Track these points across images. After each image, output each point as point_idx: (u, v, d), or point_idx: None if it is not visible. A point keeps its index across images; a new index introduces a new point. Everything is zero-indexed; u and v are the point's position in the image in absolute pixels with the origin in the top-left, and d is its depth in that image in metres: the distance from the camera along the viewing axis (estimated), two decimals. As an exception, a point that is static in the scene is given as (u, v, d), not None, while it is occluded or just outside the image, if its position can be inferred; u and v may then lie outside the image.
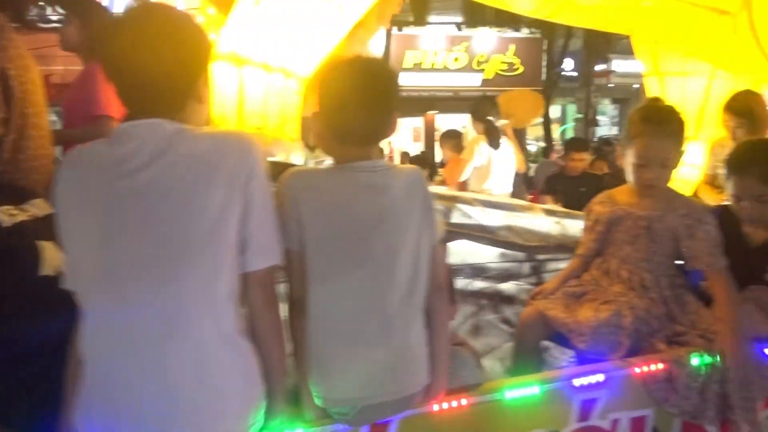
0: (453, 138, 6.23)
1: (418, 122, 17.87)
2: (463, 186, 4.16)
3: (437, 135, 18.09)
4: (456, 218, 2.44)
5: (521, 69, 17.50)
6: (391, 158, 12.67)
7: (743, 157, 2.19)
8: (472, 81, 17.42)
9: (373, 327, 1.44)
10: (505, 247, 2.43)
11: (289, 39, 2.25)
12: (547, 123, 16.50)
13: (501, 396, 1.71)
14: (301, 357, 1.46)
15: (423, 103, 17.41)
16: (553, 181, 5.39)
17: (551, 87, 17.24)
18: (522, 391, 1.76)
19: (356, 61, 1.50)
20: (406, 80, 16.95)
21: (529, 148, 16.65)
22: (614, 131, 18.33)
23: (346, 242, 1.43)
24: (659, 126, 2.05)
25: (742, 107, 3.35)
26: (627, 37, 4.20)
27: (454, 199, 2.46)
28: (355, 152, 1.48)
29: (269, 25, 2.25)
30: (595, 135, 16.86)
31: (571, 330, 2.01)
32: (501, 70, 17.46)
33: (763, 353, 1.97)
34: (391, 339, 1.46)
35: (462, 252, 2.51)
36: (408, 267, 1.48)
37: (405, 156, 13.65)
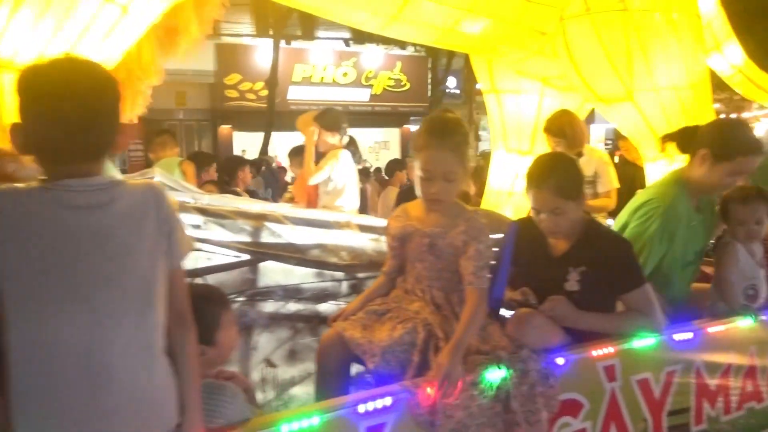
0: (300, 154, 6.03)
1: (307, 136, 17.69)
2: (313, 203, 3.99)
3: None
4: (265, 237, 2.27)
5: (408, 86, 17.87)
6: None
7: (540, 171, 2.18)
8: (360, 96, 17.53)
9: (91, 372, 1.23)
10: (316, 267, 2.29)
11: (64, 43, 2.00)
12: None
13: (277, 430, 1.56)
14: (5, 413, 1.22)
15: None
16: (403, 196, 5.30)
17: (436, 103, 17.68)
18: (300, 423, 1.62)
19: (60, 63, 1.28)
20: (295, 94, 16.77)
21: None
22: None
23: (50, 274, 1.21)
24: (442, 139, 1.96)
25: (556, 128, 3.41)
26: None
27: (263, 218, 2.29)
28: (66, 169, 1.26)
29: (42, 28, 1.98)
30: (478, 150, 17.44)
31: (364, 351, 1.90)
32: (388, 86, 17.72)
33: (553, 364, 1.95)
34: (117, 383, 1.26)
35: (276, 272, 2.35)
36: (137, 296, 1.29)
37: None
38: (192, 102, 15.61)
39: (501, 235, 2.25)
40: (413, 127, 19.22)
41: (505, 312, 2.22)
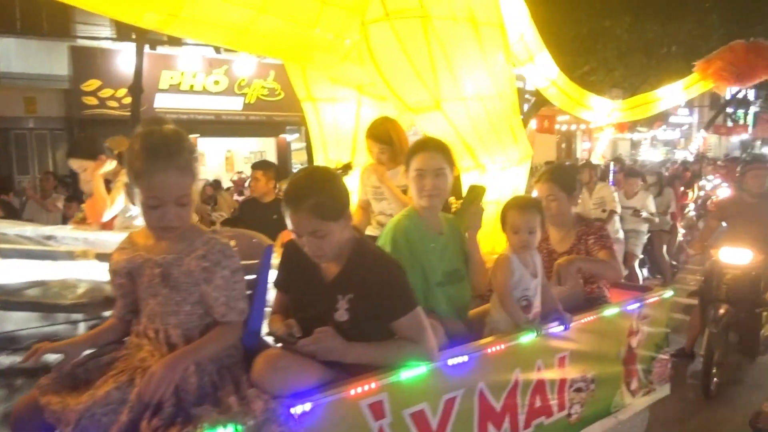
0: None
1: (178, 145, 16.63)
2: (109, 225, 3.48)
3: (200, 159, 17.11)
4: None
5: (282, 94, 17.29)
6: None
7: (295, 191, 1.91)
8: (233, 105, 16.77)
9: None
10: (32, 310, 1.85)
11: None
12: (309, 147, 16.38)
13: None
14: None
15: (183, 126, 15.92)
16: (245, 206, 4.94)
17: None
18: None
19: None
20: (163, 102, 15.69)
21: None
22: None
23: None
24: (168, 160, 1.65)
25: (381, 133, 3.28)
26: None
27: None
28: None
29: None
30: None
31: (58, 419, 1.51)
32: (262, 95, 17.09)
33: (301, 414, 1.67)
34: None
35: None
36: None
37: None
38: (44, 109, 14.11)
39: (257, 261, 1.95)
40: (289, 137, 18.74)
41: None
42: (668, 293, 3.11)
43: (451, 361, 2.03)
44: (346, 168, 2.37)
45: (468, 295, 2.48)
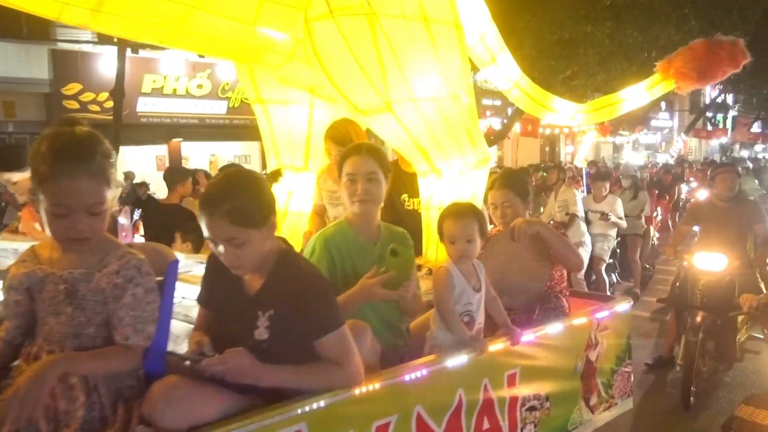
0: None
1: (162, 150, 16.34)
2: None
3: (184, 163, 16.80)
4: None
5: (266, 98, 17.13)
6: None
7: (211, 194, 1.71)
8: (217, 109, 16.52)
9: None
10: None
11: None
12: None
13: None
14: None
15: (166, 130, 15.97)
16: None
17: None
18: None
19: None
20: (146, 106, 15.42)
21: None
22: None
23: None
24: (78, 163, 1.48)
25: (341, 135, 3.10)
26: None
27: None
28: None
29: None
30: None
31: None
32: (246, 99, 16.75)
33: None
34: None
35: None
36: None
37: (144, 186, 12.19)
38: (23, 113, 13.81)
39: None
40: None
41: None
42: (628, 303, 2.94)
43: (382, 383, 1.84)
44: (275, 175, 2.18)
45: (403, 318, 2.29)
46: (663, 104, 28.64)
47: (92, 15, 2.39)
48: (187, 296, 2.18)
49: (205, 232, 1.71)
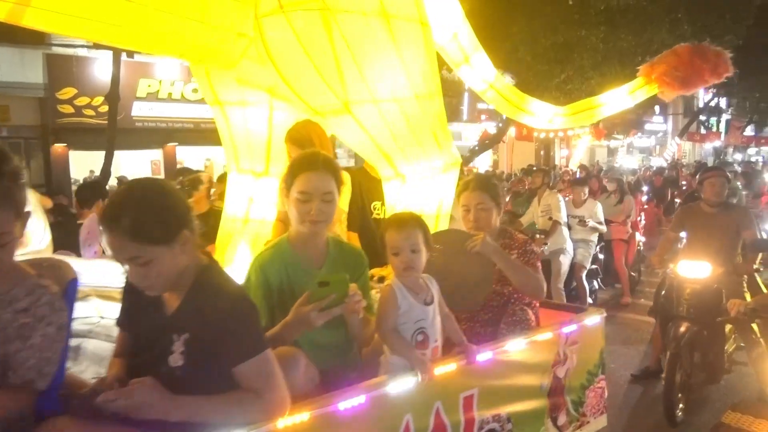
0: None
1: (157, 155, 16.16)
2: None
3: (180, 167, 16.64)
4: None
5: (261, 103, 16.94)
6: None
7: (111, 207, 1.51)
8: (212, 113, 16.33)
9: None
10: None
11: None
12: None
13: None
14: None
15: (161, 135, 15.80)
16: None
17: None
18: None
19: None
20: (141, 110, 15.24)
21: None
22: (351, 162, 18.68)
23: None
24: None
25: (302, 137, 2.89)
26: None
27: None
28: None
29: None
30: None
31: None
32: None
33: None
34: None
35: None
36: None
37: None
38: (18, 117, 13.63)
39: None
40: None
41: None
42: (600, 315, 2.72)
43: (313, 412, 1.62)
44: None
45: (350, 343, 2.06)
46: (657, 108, 28.41)
47: (20, 10, 2.19)
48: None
49: (107, 251, 1.51)
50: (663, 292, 4.28)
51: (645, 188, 12.98)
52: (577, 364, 2.56)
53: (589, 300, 6.30)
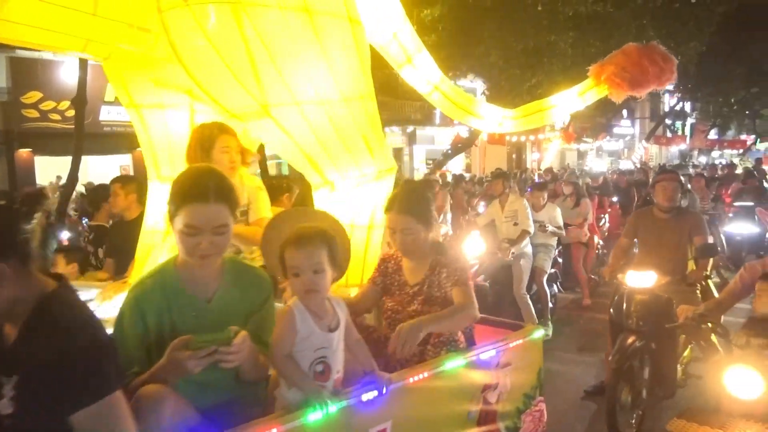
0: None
1: (126, 159, 15.64)
2: None
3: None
4: None
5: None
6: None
7: None
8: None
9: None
10: None
11: None
12: (263, 160, 15.26)
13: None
14: None
15: (130, 139, 15.24)
16: (113, 229, 4.32)
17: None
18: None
19: None
20: (109, 114, 14.74)
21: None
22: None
23: None
24: None
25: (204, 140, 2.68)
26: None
27: None
28: None
29: None
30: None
31: None
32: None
33: None
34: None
35: None
36: None
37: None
38: (-21, 122, 13.07)
39: None
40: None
41: None
42: (539, 332, 2.49)
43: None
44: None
45: (238, 386, 1.78)
46: (625, 112, 28.63)
47: None
48: None
49: None
50: (613, 304, 4.02)
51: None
52: (511, 386, 2.32)
53: (550, 304, 6.12)
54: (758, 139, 27.76)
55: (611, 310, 3.95)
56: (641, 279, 3.77)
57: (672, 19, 18.34)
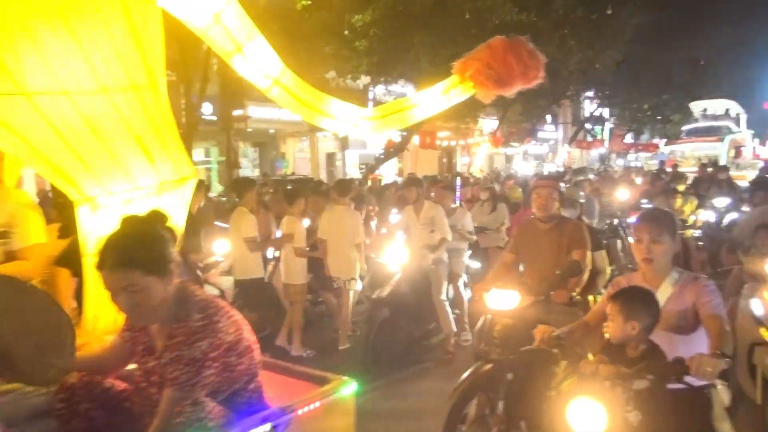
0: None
1: None
2: None
3: None
4: None
5: (156, 111, 15.35)
6: None
7: None
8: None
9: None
10: None
11: None
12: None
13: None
14: None
15: None
16: None
17: (192, 130, 15.48)
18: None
19: None
20: None
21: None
22: (256, 172, 17.50)
23: None
24: None
25: None
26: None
27: None
28: None
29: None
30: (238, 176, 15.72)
31: None
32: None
33: None
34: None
35: None
36: None
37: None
38: None
39: None
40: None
41: None
42: (350, 386, 1.87)
43: None
44: None
45: None
46: (549, 117, 29.07)
47: None
48: None
49: None
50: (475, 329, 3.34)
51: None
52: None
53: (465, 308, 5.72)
54: (664, 143, 28.94)
55: (474, 340, 3.30)
56: (503, 300, 3.10)
57: (590, 29, 18.62)
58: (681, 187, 8.36)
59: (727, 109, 26.90)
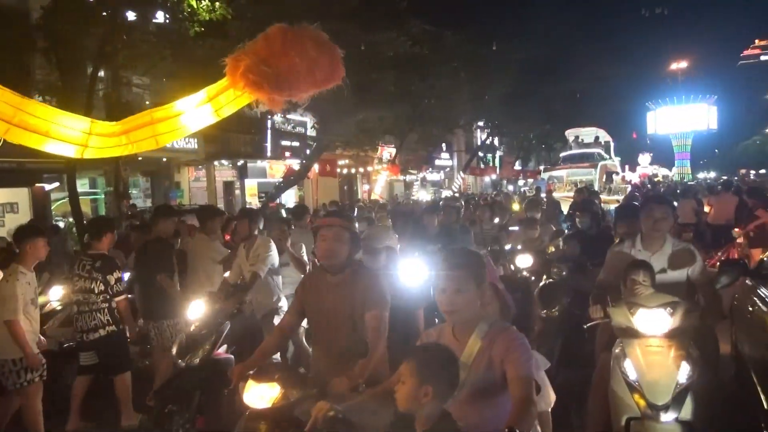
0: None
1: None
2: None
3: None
4: None
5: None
6: None
7: None
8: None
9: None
10: None
11: None
12: (74, 197, 13.38)
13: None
14: None
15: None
16: None
17: (74, 158, 15.06)
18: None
19: None
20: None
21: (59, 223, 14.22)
22: (148, 203, 17.30)
23: None
24: None
25: None
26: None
27: None
28: None
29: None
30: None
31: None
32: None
33: None
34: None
35: None
36: None
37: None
38: None
39: None
40: (48, 186, 16.09)
41: None
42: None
43: None
44: None
45: None
46: (444, 145, 31.52)
47: None
48: None
49: None
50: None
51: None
52: None
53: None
54: (543, 170, 32.16)
55: None
56: (257, 394, 2.30)
57: (478, 63, 20.87)
58: (538, 215, 7.38)
59: (597, 137, 31.07)
